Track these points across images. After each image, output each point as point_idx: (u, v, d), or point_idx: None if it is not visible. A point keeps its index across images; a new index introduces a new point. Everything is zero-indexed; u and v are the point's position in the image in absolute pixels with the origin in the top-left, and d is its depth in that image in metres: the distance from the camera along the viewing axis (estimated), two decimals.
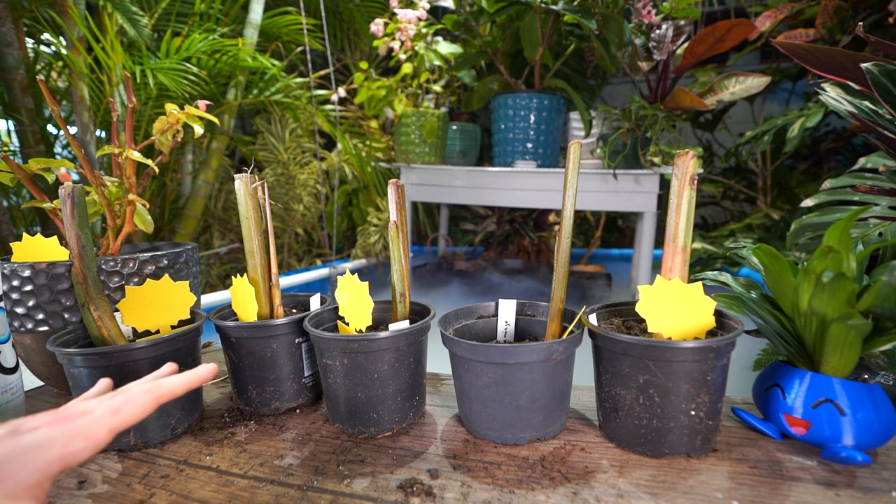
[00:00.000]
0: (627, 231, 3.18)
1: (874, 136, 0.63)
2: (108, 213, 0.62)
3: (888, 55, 0.63)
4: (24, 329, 0.58)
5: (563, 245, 0.49)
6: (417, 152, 1.99)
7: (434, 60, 1.87)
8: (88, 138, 1.72)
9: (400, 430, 0.52)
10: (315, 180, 2.31)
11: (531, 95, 1.76)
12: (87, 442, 0.28)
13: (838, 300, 0.40)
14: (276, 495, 0.41)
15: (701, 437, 0.44)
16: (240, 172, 0.55)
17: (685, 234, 0.45)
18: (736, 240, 1.91)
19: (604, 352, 0.47)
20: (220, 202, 2.33)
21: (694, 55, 1.48)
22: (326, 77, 2.48)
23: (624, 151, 1.59)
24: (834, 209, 0.90)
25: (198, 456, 0.48)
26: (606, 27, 1.51)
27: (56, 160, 0.60)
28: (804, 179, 2.29)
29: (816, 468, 0.42)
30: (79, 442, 0.28)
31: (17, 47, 1.58)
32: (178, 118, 0.62)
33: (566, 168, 0.48)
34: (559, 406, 0.49)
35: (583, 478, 0.42)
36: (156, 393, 0.32)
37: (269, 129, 2.28)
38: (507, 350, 0.45)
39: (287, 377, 0.56)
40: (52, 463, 0.26)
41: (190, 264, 0.67)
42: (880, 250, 0.50)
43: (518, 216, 2.40)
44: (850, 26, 1.61)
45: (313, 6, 2.28)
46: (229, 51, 1.86)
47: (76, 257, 0.47)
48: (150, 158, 0.59)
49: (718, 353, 0.43)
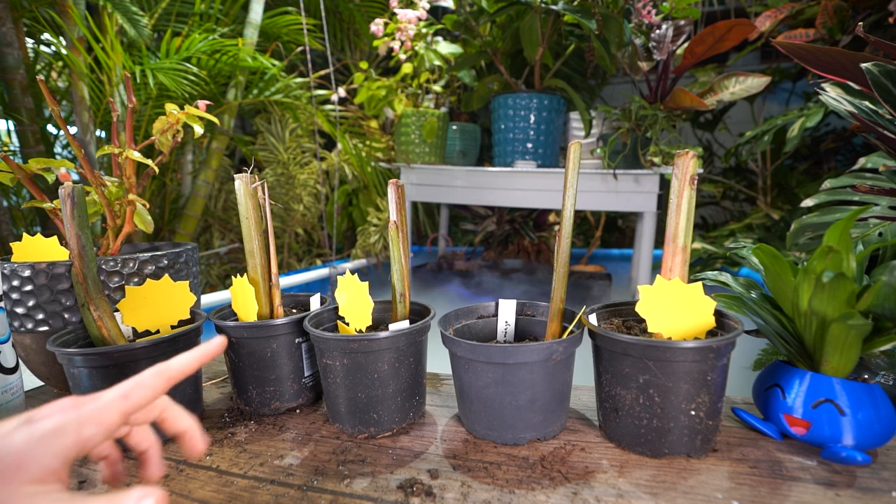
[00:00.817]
0: (627, 231, 3.18)
1: (874, 136, 0.63)
2: (108, 213, 0.62)
3: (888, 55, 0.63)
4: (24, 329, 0.58)
5: (563, 245, 0.49)
6: (417, 152, 1.99)
7: (434, 60, 1.87)
8: (88, 138, 1.72)
9: (400, 430, 0.52)
10: (315, 180, 2.31)
11: (531, 95, 1.76)
12: (98, 427, 0.28)
13: (838, 300, 0.40)
14: (276, 495, 0.41)
15: (701, 437, 0.44)
16: (240, 172, 0.55)
17: (685, 234, 0.45)
18: (736, 240, 1.91)
19: (604, 352, 0.47)
20: (220, 202, 2.33)
21: (694, 55, 1.48)
22: (326, 77, 2.48)
23: (624, 151, 1.59)
24: (834, 209, 0.90)
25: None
26: (606, 27, 1.51)
27: (56, 160, 0.60)
28: (804, 179, 2.28)
29: (816, 468, 0.42)
30: (90, 427, 0.28)
31: (17, 47, 1.58)
32: (178, 118, 0.62)
33: (566, 168, 0.48)
34: (559, 406, 0.49)
35: (583, 478, 0.42)
36: (166, 374, 0.32)
37: (269, 129, 2.28)
38: (507, 350, 0.45)
39: (287, 377, 0.56)
40: (69, 448, 0.27)
41: (190, 264, 0.67)
42: (880, 250, 0.50)
43: (518, 216, 2.40)
44: (850, 26, 1.61)
45: (313, 6, 2.28)
46: (229, 51, 1.86)
47: (76, 257, 0.47)
48: (150, 158, 0.59)
49: (718, 353, 0.43)
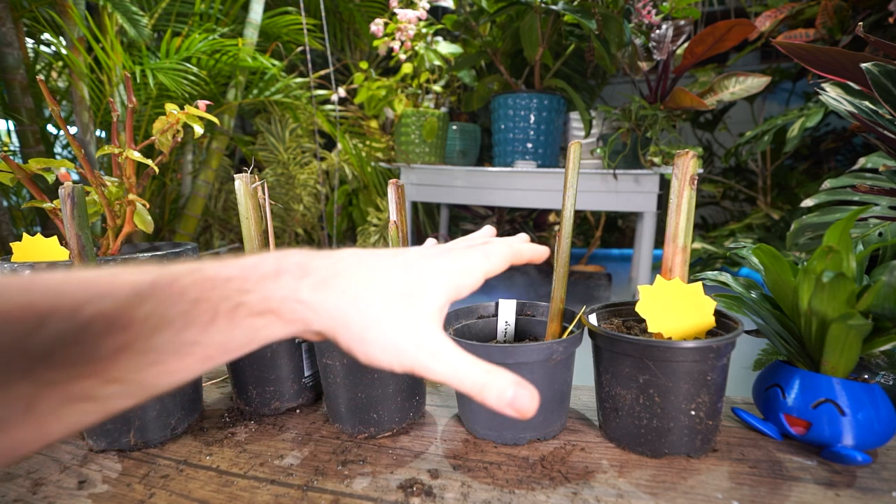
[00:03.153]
0: (627, 231, 3.18)
1: (874, 136, 0.63)
2: (108, 213, 0.62)
3: (888, 55, 0.63)
4: None
5: (563, 245, 0.49)
6: (417, 152, 1.99)
7: (434, 60, 1.87)
8: (88, 138, 1.72)
9: (400, 430, 0.52)
10: (315, 180, 2.31)
11: (531, 95, 1.76)
12: (471, 278, 0.29)
13: (838, 300, 0.39)
14: (276, 495, 0.41)
15: (701, 437, 0.44)
16: (240, 172, 0.55)
17: (685, 234, 0.45)
18: (736, 240, 1.91)
19: (604, 352, 0.47)
20: (220, 202, 2.33)
21: (694, 55, 1.48)
22: (326, 77, 2.48)
23: (624, 151, 1.58)
24: (834, 209, 0.90)
25: (198, 456, 0.48)
26: (606, 27, 1.51)
27: (56, 160, 0.60)
28: (804, 179, 2.28)
29: (816, 468, 0.42)
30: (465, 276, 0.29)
31: (17, 47, 1.58)
32: (178, 118, 0.62)
33: (566, 168, 0.48)
34: (559, 406, 0.49)
35: (583, 478, 0.42)
36: (514, 248, 0.33)
37: (269, 129, 2.28)
38: (507, 350, 0.45)
39: (287, 377, 0.56)
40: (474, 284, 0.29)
41: None
42: (880, 250, 0.50)
43: (518, 216, 2.40)
44: (850, 26, 1.61)
45: (313, 6, 2.27)
46: (229, 51, 1.86)
47: (76, 257, 0.47)
48: (150, 158, 0.59)
49: (718, 353, 0.43)
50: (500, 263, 0.31)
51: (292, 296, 0.24)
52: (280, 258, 0.26)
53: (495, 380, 0.25)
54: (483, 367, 0.25)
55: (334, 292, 0.25)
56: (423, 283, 0.27)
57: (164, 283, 0.22)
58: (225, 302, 0.23)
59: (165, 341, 0.21)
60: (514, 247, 0.33)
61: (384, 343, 0.25)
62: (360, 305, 0.25)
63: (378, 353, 0.25)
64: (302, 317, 0.25)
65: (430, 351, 0.25)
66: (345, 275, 0.26)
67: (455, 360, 0.25)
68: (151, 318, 0.21)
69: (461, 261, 0.29)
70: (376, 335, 0.25)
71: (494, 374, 0.25)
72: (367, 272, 0.27)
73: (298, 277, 0.25)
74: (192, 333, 0.22)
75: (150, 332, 0.21)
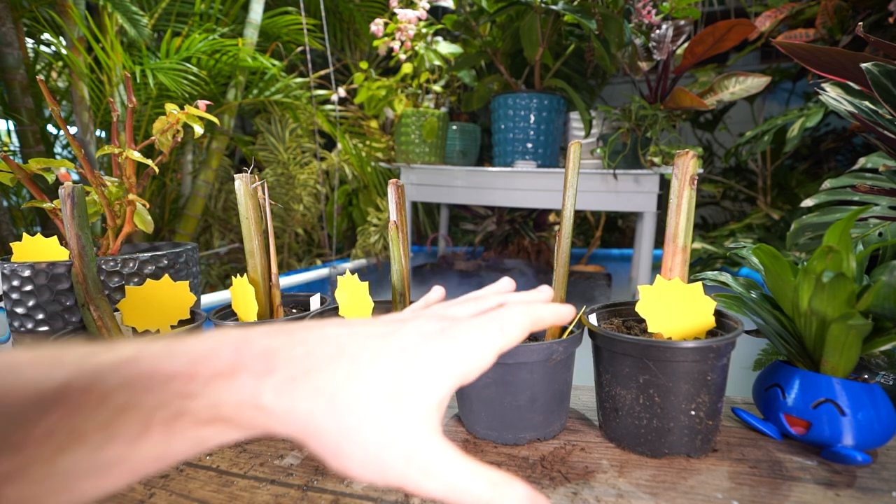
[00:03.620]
0: (627, 231, 3.18)
1: (874, 136, 0.63)
2: (108, 213, 0.62)
3: (888, 55, 0.63)
4: (24, 329, 0.58)
5: (563, 245, 0.49)
6: (417, 152, 1.99)
7: (434, 60, 1.87)
8: (88, 138, 1.72)
9: None
10: (315, 180, 2.31)
11: (531, 95, 1.76)
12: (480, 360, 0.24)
13: (838, 300, 0.39)
14: (277, 495, 0.41)
15: (701, 437, 0.44)
16: (240, 172, 0.55)
17: (685, 234, 0.45)
18: (736, 240, 1.91)
19: (604, 352, 0.47)
20: (220, 202, 2.33)
21: (694, 55, 1.48)
22: (326, 77, 2.48)
23: (624, 151, 1.59)
24: (834, 209, 0.90)
25: (198, 456, 0.48)
26: (606, 27, 1.51)
27: (56, 160, 0.60)
28: (804, 179, 2.28)
29: (816, 468, 0.42)
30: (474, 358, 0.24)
31: (17, 47, 1.58)
32: (178, 118, 0.62)
33: (566, 168, 0.48)
34: (559, 406, 0.49)
35: (583, 478, 0.42)
36: (534, 315, 0.27)
37: (269, 129, 2.28)
38: (507, 350, 0.45)
39: None
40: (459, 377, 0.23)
41: (190, 264, 0.67)
42: (880, 250, 0.50)
43: (518, 216, 2.40)
44: (850, 26, 1.61)
45: (313, 6, 2.27)
46: (229, 51, 1.86)
47: (76, 257, 0.47)
48: (150, 158, 0.59)
49: (718, 353, 0.43)
50: (518, 335, 0.26)
51: (250, 401, 0.20)
52: (240, 345, 0.21)
53: (503, 497, 0.21)
54: (487, 479, 0.21)
55: (305, 395, 0.21)
56: (418, 376, 0.22)
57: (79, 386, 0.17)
58: (162, 410, 0.18)
59: (76, 462, 0.17)
60: (535, 313, 0.27)
61: (364, 458, 0.21)
62: (337, 411, 0.21)
63: (356, 469, 0.21)
64: (262, 424, 0.21)
65: (421, 466, 0.21)
66: (320, 370, 0.21)
67: (452, 474, 0.21)
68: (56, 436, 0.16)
69: (470, 338, 0.24)
70: (355, 448, 0.21)
71: (502, 489, 0.21)
72: (349, 365, 0.22)
73: (261, 375, 0.20)
74: (114, 450, 0.17)
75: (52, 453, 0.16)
